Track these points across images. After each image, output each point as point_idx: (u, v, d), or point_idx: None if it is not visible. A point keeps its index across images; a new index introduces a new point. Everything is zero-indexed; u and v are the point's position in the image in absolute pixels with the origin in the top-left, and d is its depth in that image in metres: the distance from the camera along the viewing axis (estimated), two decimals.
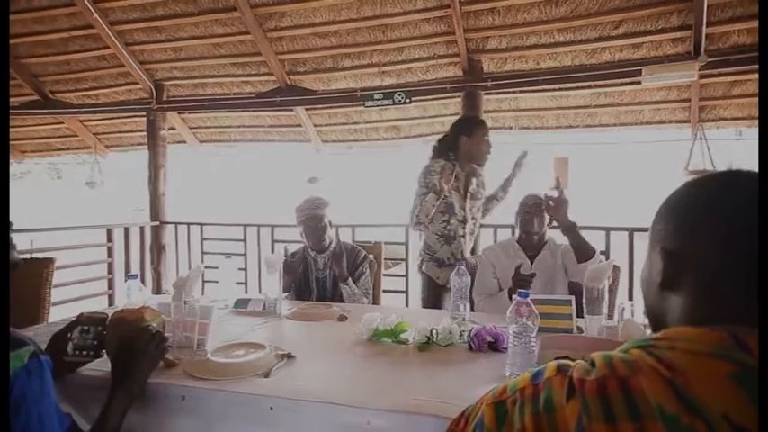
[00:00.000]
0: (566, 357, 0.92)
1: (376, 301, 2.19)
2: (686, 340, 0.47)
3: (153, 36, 3.90)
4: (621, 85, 3.24)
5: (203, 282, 3.63)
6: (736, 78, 3.04)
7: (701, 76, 2.98)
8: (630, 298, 2.83)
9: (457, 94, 3.61)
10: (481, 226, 2.49)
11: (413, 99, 3.72)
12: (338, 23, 3.54)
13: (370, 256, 2.14)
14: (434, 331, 1.24)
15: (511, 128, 3.93)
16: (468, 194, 2.22)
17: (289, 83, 4.00)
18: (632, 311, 1.25)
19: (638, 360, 0.47)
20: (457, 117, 3.69)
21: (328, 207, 2.07)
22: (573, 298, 1.38)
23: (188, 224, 4.23)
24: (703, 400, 0.42)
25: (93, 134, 5.03)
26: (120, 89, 4.36)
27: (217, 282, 1.94)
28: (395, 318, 1.29)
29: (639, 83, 3.06)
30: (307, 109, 4.23)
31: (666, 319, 0.54)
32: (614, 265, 1.73)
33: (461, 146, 2.18)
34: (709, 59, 2.84)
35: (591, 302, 1.32)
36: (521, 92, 3.59)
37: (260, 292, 3.09)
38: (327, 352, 1.24)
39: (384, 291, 2.87)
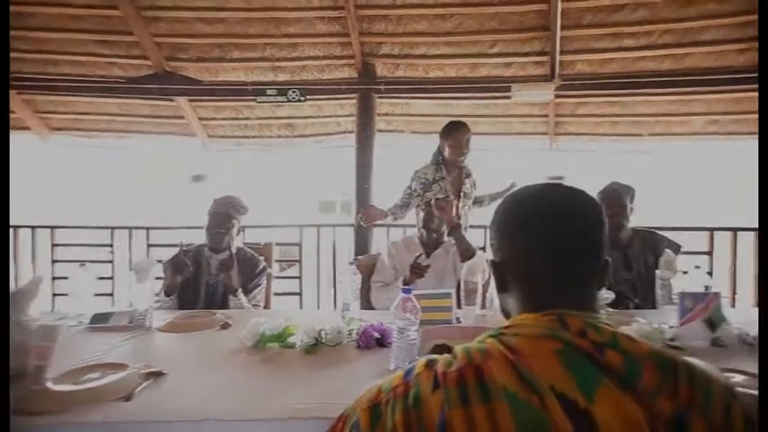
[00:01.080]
0: (444, 346, 1.00)
1: (266, 305, 2.09)
2: (526, 326, 0.55)
3: None
4: (496, 98, 3.63)
5: (53, 295, 3.08)
6: (580, 101, 3.63)
7: (556, 96, 3.49)
8: None
9: (352, 95, 3.66)
10: (470, 227, 2.53)
11: (308, 97, 3.66)
12: (226, 11, 3.31)
13: (269, 270, 2.04)
14: (323, 332, 1.23)
15: (403, 131, 4.11)
16: (462, 194, 2.34)
17: (168, 69, 3.61)
18: None
19: (491, 348, 0.53)
20: (351, 118, 3.78)
21: (244, 215, 1.98)
22: (453, 291, 1.50)
23: (32, 227, 3.50)
24: (536, 375, 0.48)
25: None
26: None
27: (68, 295, 1.65)
28: (282, 322, 1.24)
29: (509, 98, 3.46)
30: (191, 100, 3.86)
31: (512, 314, 0.63)
32: (488, 261, 1.92)
33: (442, 150, 2.33)
34: (562, 82, 3.35)
35: (468, 295, 1.45)
36: (412, 98, 3.78)
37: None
38: (205, 364, 1.14)
39: (276, 294, 2.77)
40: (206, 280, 1.86)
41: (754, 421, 0.49)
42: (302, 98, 3.58)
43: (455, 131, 2.31)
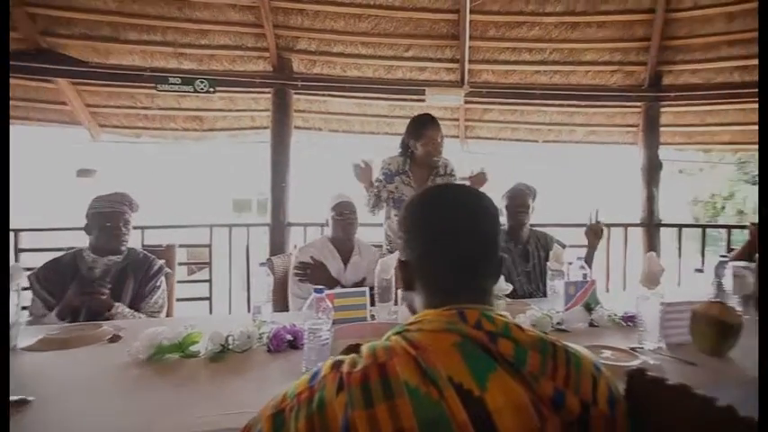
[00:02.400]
0: (357, 346, 1.01)
1: (169, 312, 1.92)
2: (428, 321, 0.57)
3: None
4: (411, 100, 3.76)
5: None
6: (487, 107, 3.92)
7: (466, 102, 3.72)
8: None
9: (267, 89, 3.51)
10: None
11: (218, 89, 3.43)
12: None
13: (168, 270, 1.86)
14: (230, 338, 1.16)
15: (321, 129, 4.06)
16: None
17: (45, 46, 3.12)
18: None
19: (395, 345, 0.54)
20: (267, 113, 3.63)
21: (136, 212, 1.80)
22: (367, 289, 1.51)
23: None
24: (436, 368, 0.51)
25: None
26: None
27: None
28: (184, 329, 1.15)
29: (424, 100, 3.61)
30: (74, 83, 3.38)
31: (418, 312, 0.65)
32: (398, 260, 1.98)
33: (411, 145, 2.17)
34: (471, 89, 3.59)
35: (381, 291, 1.48)
36: (329, 95, 3.74)
37: None
38: (87, 385, 1.00)
39: (181, 300, 2.56)
40: (90, 288, 1.63)
41: (615, 390, 0.57)
42: (212, 89, 3.35)
43: (426, 128, 2.10)
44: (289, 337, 1.20)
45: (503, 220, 2.07)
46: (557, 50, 3.54)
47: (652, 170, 3.53)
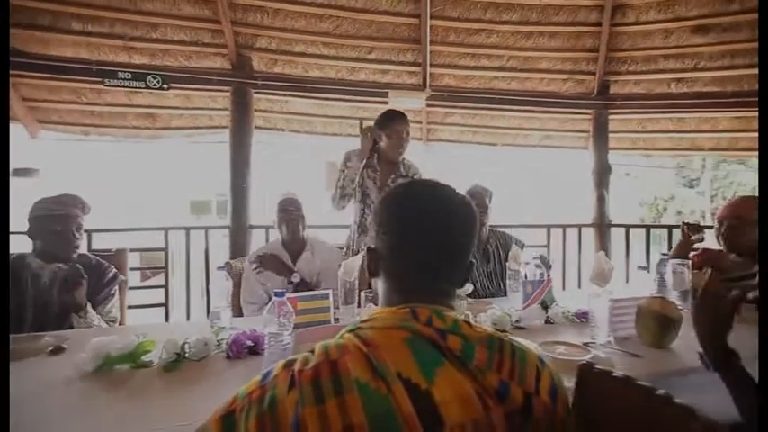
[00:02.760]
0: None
1: (119, 321, 1.81)
2: (380, 319, 0.58)
3: None
4: (374, 102, 3.77)
5: None
6: (448, 111, 4.00)
7: (428, 105, 3.79)
8: None
9: (225, 88, 3.41)
10: None
11: (172, 86, 3.28)
12: None
13: (122, 277, 1.75)
14: (186, 345, 1.11)
15: (283, 130, 3.98)
16: (386, 188, 2.06)
17: None
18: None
19: (348, 342, 0.54)
20: (225, 112, 3.51)
21: (87, 215, 1.69)
22: (330, 291, 1.50)
23: None
24: (386, 364, 0.51)
25: None
26: None
27: None
28: (135, 338, 1.09)
29: (387, 103, 3.64)
30: (10, 75, 3.12)
31: (379, 300, 0.66)
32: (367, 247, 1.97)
33: (377, 137, 2.07)
34: (432, 93, 3.65)
35: (345, 293, 1.47)
36: (291, 95, 3.68)
37: None
38: (28, 403, 0.92)
39: (134, 307, 2.43)
40: (33, 297, 1.51)
41: (557, 381, 0.59)
42: (165, 86, 3.20)
43: (393, 121, 2.06)
44: (249, 342, 1.16)
45: None
46: (513, 58, 3.68)
47: (602, 174, 3.74)
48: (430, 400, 0.50)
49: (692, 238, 1.89)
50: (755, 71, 3.36)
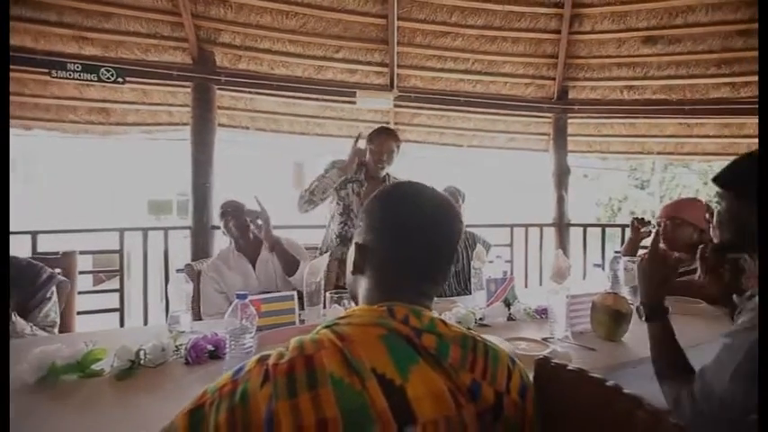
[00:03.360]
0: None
1: (67, 328, 1.70)
2: (357, 316, 0.58)
3: None
4: (341, 102, 3.75)
5: None
6: (416, 112, 4.04)
7: (396, 105, 3.81)
8: None
9: (186, 83, 3.28)
10: None
11: (128, 79, 3.13)
12: None
13: (61, 278, 1.64)
14: (142, 352, 1.06)
15: (248, 128, 3.88)
16: None
17: None
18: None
19: (323, 338, 0.54)
20: (186, 108, 3.38)
21: None
22: (295, 293, 1.48)
23: None
24: (361, 359, 0.52)
25: None
26: None
27: None
28: (84, 346, 1.02)
29: (355, 102, 3.63)
30: None
31: (359, 298, 0.66)
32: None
33: (366, 151, 2.07)
34: (400, 93, 3.68)
35: (310, 295, 1.45)
36: (256, 93, 3.60)
37: None
38: None
39: (85, 312, 2.30)
40: None
41: (526, 380, 0.62)
42: (120, 79, 3.05)
43: (378, 137, 2.09)
44: (209, 346, 1.12)
45: None
46: (478, 61, 3.77)
47: (561, 175, 3.90)
48: (403, 396, 0.51)
49: (642, 230, 2.02)
50: (696, 81, 3.62)
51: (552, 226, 3.85)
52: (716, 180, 0.92)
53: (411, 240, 0.63)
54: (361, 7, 3.44)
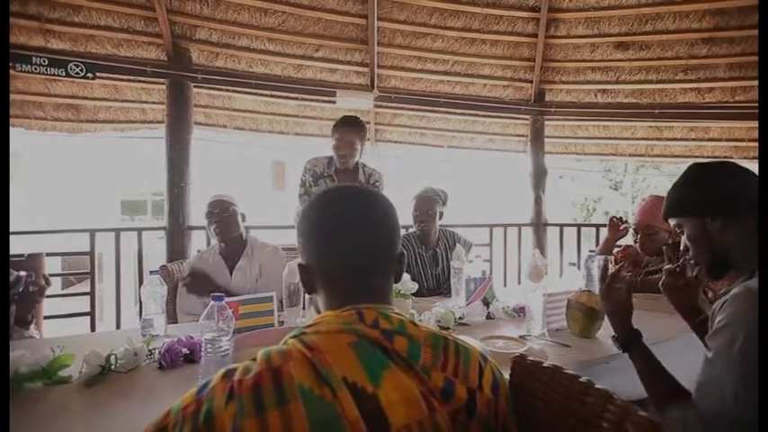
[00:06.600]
0: None
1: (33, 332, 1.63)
2: (325, 323, 0.57)
3: None
4: (321, 101, 3.72)
5: None
6: (396, 112, 4.05)
7: (376, 106, 3.81)
8: None
9: (161, 80, 3.19)
10: None
11: (99, 75, 3.02)
12: None
13: (27, 279, 1.56)
14: (113, 357, 1.02)
15: (225, 126, 3.81)
16: None
17: None
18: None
19: (291, 348, 0.53)
20: (161, 106, 3.29)
21: None
22: (274, 294, 1.46)
23: None
24: (331, 369, 0.50)
25: None
26: None
27: None
28: (51, 352, 0.98)
29: (335, 102, 3.61)
30: None
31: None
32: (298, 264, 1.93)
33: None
34: (380, 93, 3.68)
35: (289, 296, 1.43)
36: (234, 91, 3.54)
37: None
38: None
39: (53, 317, 2.21)
40: None
41: (498, 376, 0.62)
42: (90, 74, 2.94)
43: (337, 129, 2.05)
44: (184, 350, 1.10)
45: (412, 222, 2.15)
46: (458, 63, 3.81)
47: (539, 176, 3.98)
48: (376, 404, 0.50)
49: (622, 227, 2.09)
50: (664, 86, 3.76)
51: (530, 226, 3.93)
52: (667, 216, 0.96)
53: (343, 242, 0.62)
54: (341, 7, 3.42)
